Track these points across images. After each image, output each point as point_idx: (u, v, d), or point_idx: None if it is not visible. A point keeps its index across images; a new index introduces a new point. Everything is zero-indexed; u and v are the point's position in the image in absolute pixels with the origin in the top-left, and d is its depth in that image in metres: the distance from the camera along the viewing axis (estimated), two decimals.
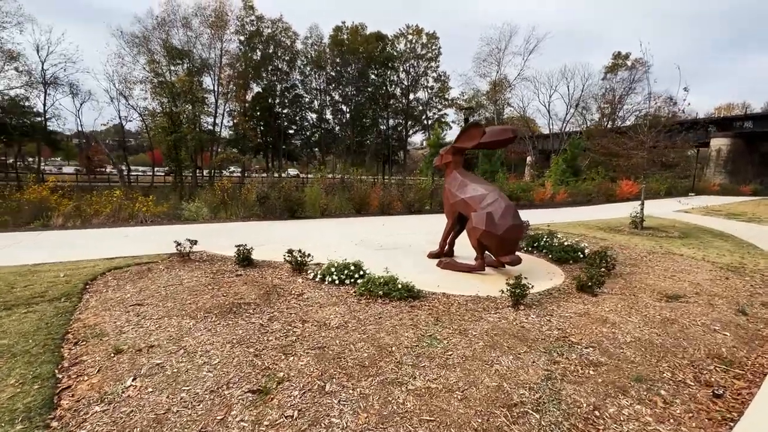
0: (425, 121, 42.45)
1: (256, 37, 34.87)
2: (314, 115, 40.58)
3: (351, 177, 14.20)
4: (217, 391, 2.30)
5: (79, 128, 28.64)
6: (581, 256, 6.24)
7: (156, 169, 36.04)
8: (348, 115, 40.88)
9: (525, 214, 13.63)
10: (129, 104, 28.99)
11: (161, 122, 28.16)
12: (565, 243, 6.48)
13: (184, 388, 2.33)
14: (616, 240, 8.26)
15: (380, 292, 4.23)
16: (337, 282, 4.70)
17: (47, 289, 4.06)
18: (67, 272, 4.72)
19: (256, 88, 36.38)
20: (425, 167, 19.01)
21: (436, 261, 5.92)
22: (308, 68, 38.52)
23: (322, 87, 39.64)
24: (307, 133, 40.65)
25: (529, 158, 43.17)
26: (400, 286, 4.29)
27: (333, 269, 4.83)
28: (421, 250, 6.43)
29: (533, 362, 2.77)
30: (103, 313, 3.52)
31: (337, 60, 38.47)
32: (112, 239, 7.21)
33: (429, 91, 43.56)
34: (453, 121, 45.57)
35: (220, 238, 7.60)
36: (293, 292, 4.30)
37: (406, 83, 42.90)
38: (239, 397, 2.24)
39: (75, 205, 9.43)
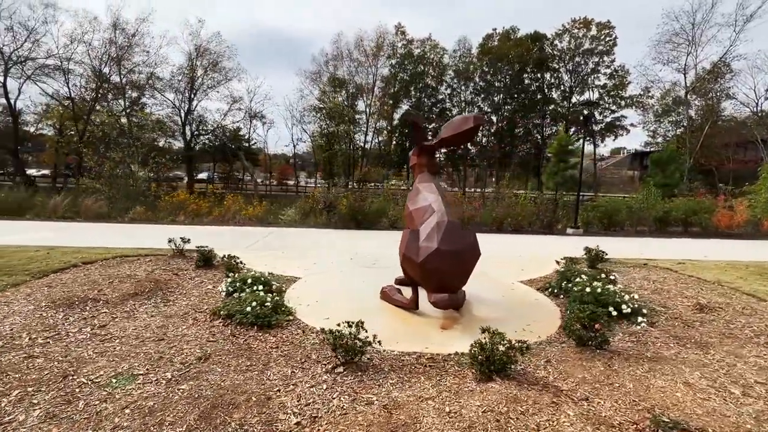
0: (592, 126, 35.49)
1: (407, 59, 37.02)
2: None
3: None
4: None
5: (265, 149, 36.77)
6: (613, 312, 3.86)
7: (320, 181, 42.83)
8: (497, 126, 38.35)
9: (674, 244, 9.71)
10: (303, 128, 35.49)
11: (319, 142, 33.30)
12: (592, 289, 4.13)
13: None
14: None
15: (222, 313, 3.66)
16: (224, 294, 4.35)
17: (44, 267, 5.22)
18: (87, 256, 5.98)
19: (405, 106, 38.49)
20: (547, 179, 15.79)
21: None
22: (455, 81, 38.21)
23: (469, 99, 38.60)
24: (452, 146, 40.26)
25: None
26: (249, 309, 3.60)
27: (229, 280, 4.50)
28: None
29: None
30: (23, 289, 4.27)
31: (485, 69, 36.72)
32: (179, 234, 8.78)
33: (600, 90, 36.30)
34: (632, 124, 36.59)
35: (249, 239, 8.28)
36: (170, 297, 4.20)
37: (569, 84, 37.08)
38: None
39: (193, 207, 12.06)
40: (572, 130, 35.58)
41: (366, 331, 2.89)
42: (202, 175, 37.45)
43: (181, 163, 34.94)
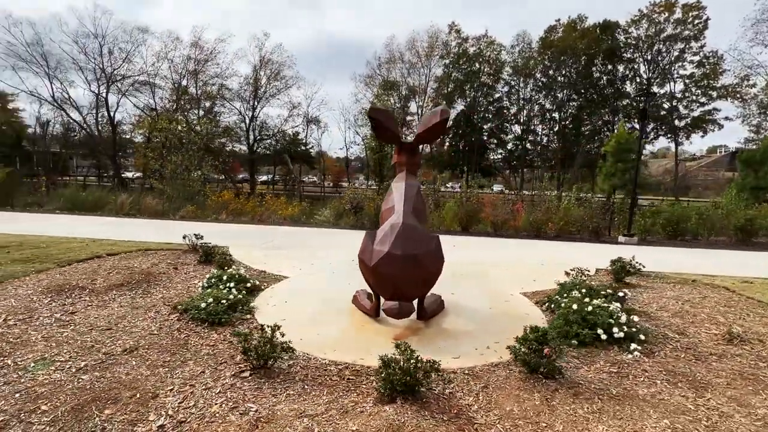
0: (674, 122, 31.20)
1: (461, 58, 36.05)
2: (520, 128, 37.66)
3: (470, 191, 12.43)
4: None
5: (321, 153, 38.26)
6: (602, 336, 3.27)
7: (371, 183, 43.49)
8: (560, 124, 35.56)
9: (755, 258, 8.15)
10: (356, 131, 36.39)
11: (371, 144, 33.80)
12: (580, 307, 3.54)
13: None
14: None
15: (180, 308, 3.77)
16: (201, 289, 4.49)
17: (72, 257, 5.88)
18: (115, 249, 6.63)
19: (460, 106, 37.50)
20: (603, 181, 14.15)
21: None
22: (513, 79, 36.24)
23: (529, 96, 36.35)
24: (509, 147, 38.16)
25: None
26: (203, 305, 3.67)
27: (207, 275, 4.64)
28: None
29: None
30: (40, 275, 4.83)
31: (546, 63, 34.25)
32: (216, 232, 9.41)
33: (686, 80, 31.80)
34: (727, 118, 31.53)
35: (269, 238, 8.57)
36: (151, 290, 4.45)
37: (647, 76, 33.05)
38: None
39: (235, 207, 12.88)
40: (650, 126, 31.72)
41: (283, 336, 2.76)
42: (263, 178, 40.15)
43: (243, 166, 37.88)
